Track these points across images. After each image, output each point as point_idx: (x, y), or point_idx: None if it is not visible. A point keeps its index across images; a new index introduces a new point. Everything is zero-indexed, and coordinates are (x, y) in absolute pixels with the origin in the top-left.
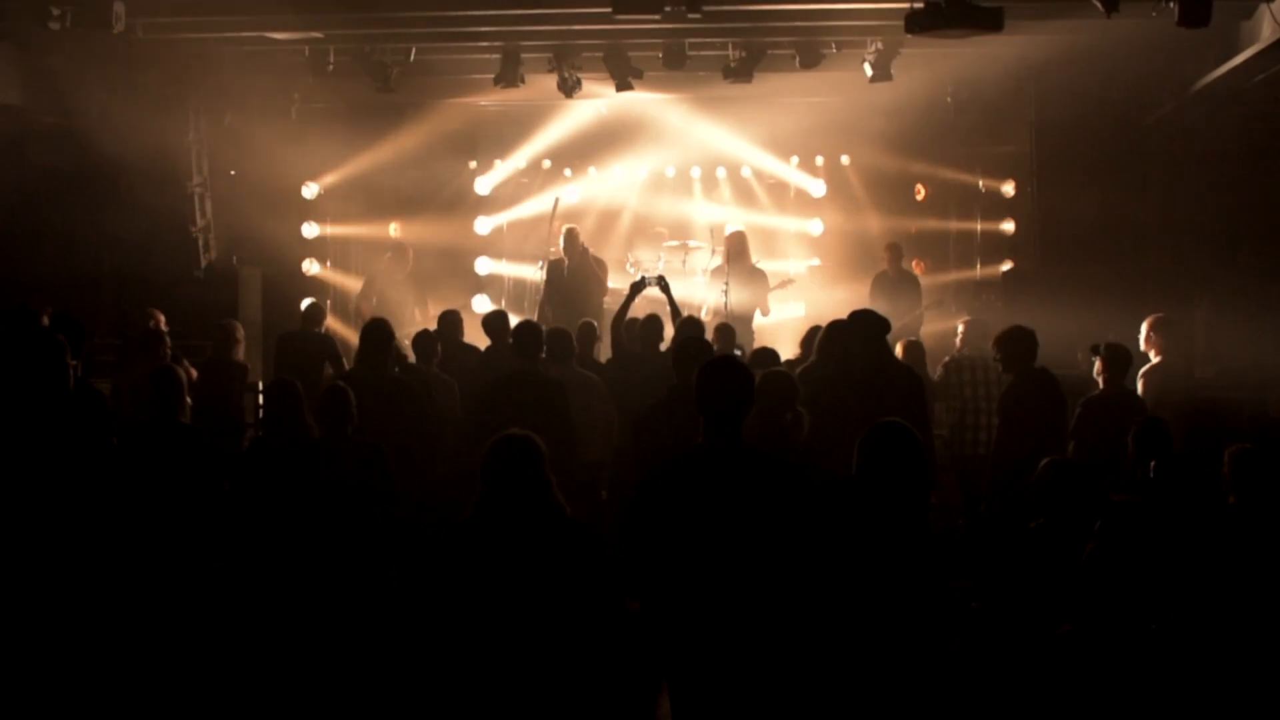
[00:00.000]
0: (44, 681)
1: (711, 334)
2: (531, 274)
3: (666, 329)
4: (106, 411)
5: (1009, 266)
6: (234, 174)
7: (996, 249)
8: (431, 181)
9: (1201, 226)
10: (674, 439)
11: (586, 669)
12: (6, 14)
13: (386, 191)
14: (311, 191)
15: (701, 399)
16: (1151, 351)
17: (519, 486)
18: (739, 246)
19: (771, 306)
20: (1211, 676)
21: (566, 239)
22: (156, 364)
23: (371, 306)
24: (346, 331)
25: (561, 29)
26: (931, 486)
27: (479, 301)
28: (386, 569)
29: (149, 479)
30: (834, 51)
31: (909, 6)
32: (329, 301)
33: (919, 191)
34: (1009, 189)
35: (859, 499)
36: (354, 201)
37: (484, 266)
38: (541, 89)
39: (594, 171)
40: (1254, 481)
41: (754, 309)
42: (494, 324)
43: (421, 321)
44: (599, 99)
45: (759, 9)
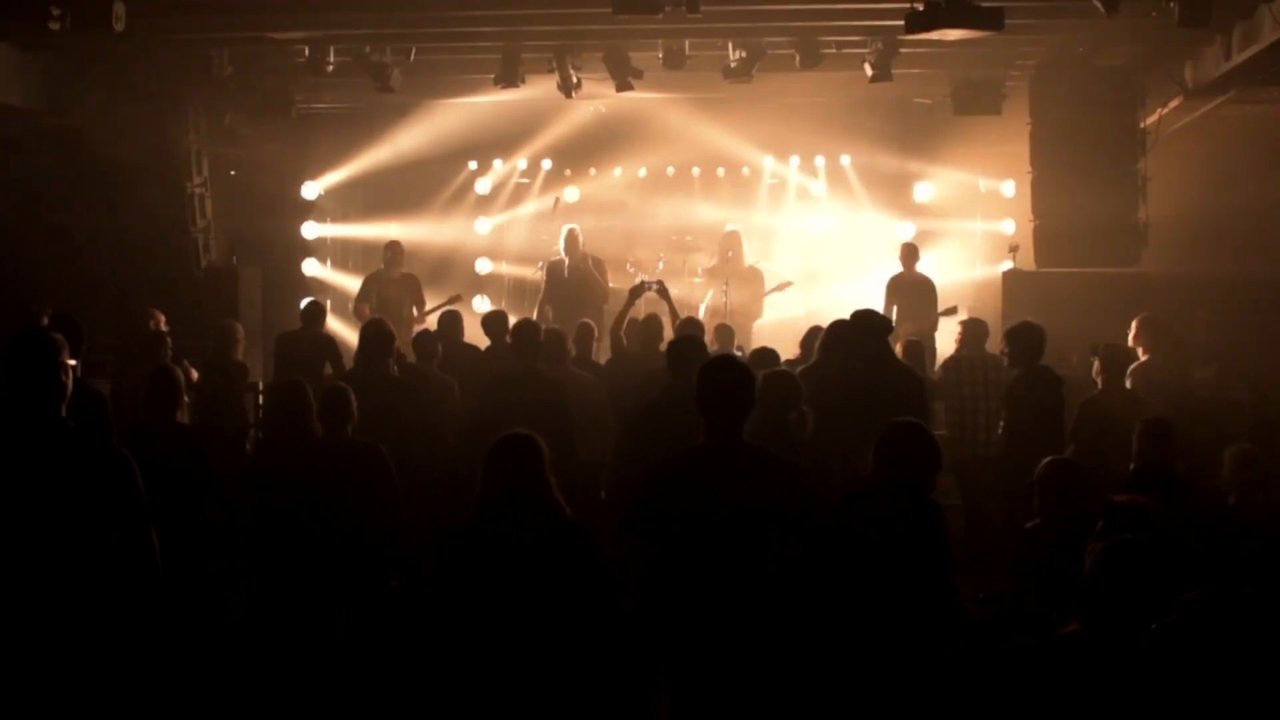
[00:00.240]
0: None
1: (711, 334)
2: (531, 274)
3: (666, 331)
4: (106, 412)
5: (1009, 266)
6: (234, 174)
7: (996, 249)
8: (431, 181)
9: (1201, 226)
10: (669, 439)
11: (586, 669)
12: (6, 14)
13: (386, 191)
14: (311, 191)
15: (703, 399)
16: (1139, 350)
17: (520, 486)
18: (734, 247)
19: (771, 306)
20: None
21: (566, 239)
22: (157, 365)
23: (371, 308)
24: (347, 331)
25: (561, 29)
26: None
27: (479, 301)
28: (386, 570)
29: (147, 479)
30: (834, 51)
31: (909, 6)
32: (329, 301)
33: (927, 190)
34: (1009, 189)
35: (877, 498)
36: (354, 201)
37: (484, 266)
38: (541, 89)
39: (594, 171)
40: (1254, 481)
41: (751, 309)
42: (494, 324)
43: (419, 323)
44: (599, 99)
45: (759, 9)
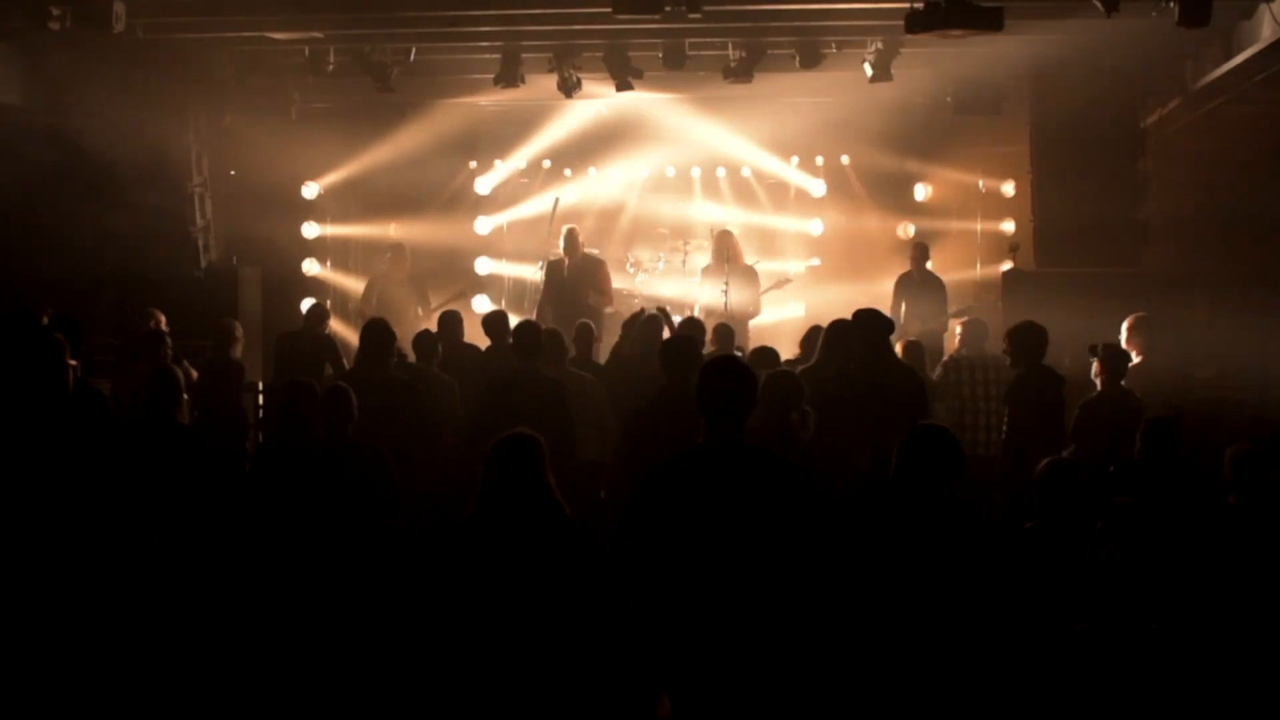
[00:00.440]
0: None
1: (711, 334)
2: (531, 274)
3: (665, 333)
4: (106, 412)
5: (1009, 266)
6: (234, 174)
7: (996, 249)
8: (431, 181)
9: (1201, 226)
10: (666, 439)
11: (586, 669)
12: (6, 14)
13: (386, 191)
14: (311, 191)
15: (703, 399)
16: (1133, 351)
17: (521, 486)
18: (728, 246)
19: (770, 306)
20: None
21: (566, 239)
22: (157, 365)
23: (372, 309)
24: (347, 331)
25: (561, 29)
26: None
27: (479, 301)
28: (386, 570)
29: (148, 479)
30: (834, 51)
31: (909, 6)
32: (329, 301)
33: (927, 190)
34: (1009, 189)
35: (900, 502)
36: (354, 201)
37: (484, 266)
38: (541, 89)
39: (594, 171)
40: (1254, 481)
41: (748, 308)
42: (494, 324)
43: (424, 322)
44: (599, 99)
45: (759, 9)
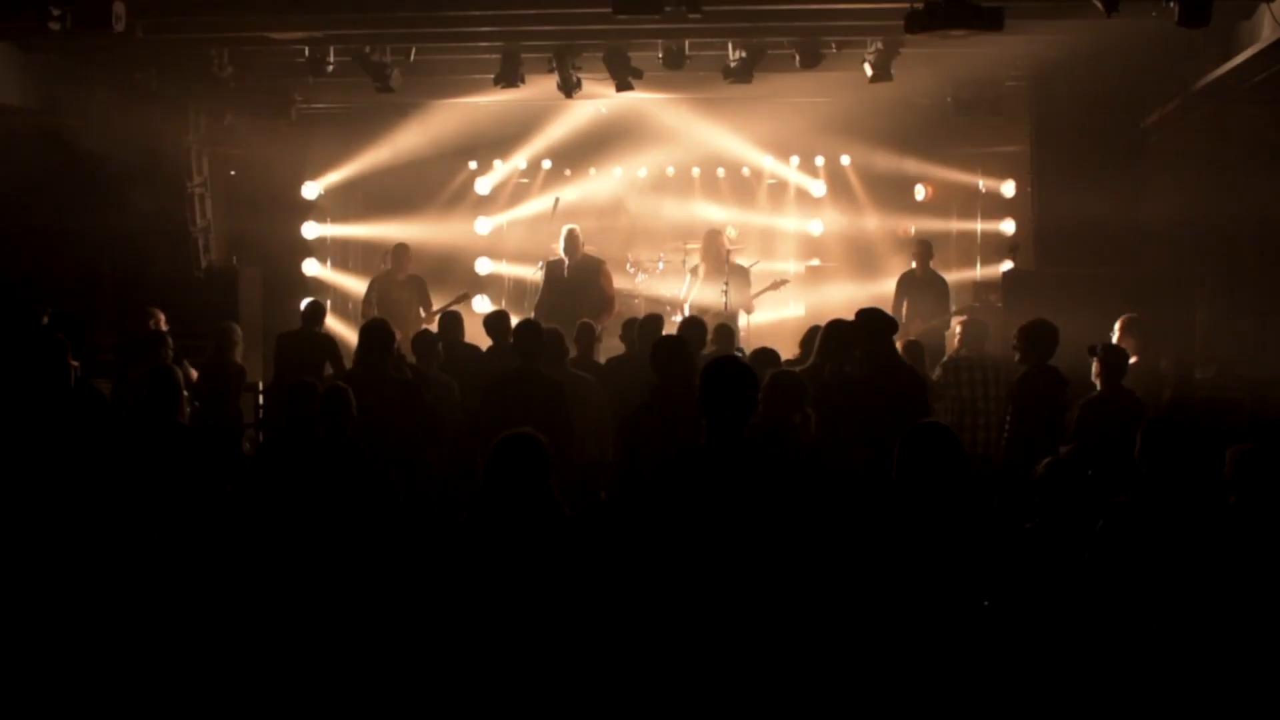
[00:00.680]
0: (43, 682)
1: (711, 334)
2: (531, 274)
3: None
4: (106, 411)
5: (1009, 266)
6: (234, 174)
7: (996, 249)
8: (431, 181)
9: (1201, 226)
10: (661, 439)
11: (585, 669)
12: (6, 14)
13: (386, 191)
14: (311, 191)
15: (705, 399)
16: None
17: (522, 485)
18: (722, 246)
19: (770, 307)
20: (1213, 676)
21: (566, 239)
22: (157, 365)
23: (372, 309)
24: (347, 332)
25: (561, 29)
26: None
27: (479, 302)
28: (386, 570)
29: (148, 479)
30: (834, 51)
31: (909, 6)
32: (329, 301)
33: (926, 191)
34: (1009, 189)
35: (901, 501)
36: (354, 201)
37: (484, 267)
38: (541, 89)
39: (594, 171)
40: (1255, 481)
41: (739, 307)
42: (494, 324)
43: (428, 322)
44: (599, 99)
45: (759, 9)
